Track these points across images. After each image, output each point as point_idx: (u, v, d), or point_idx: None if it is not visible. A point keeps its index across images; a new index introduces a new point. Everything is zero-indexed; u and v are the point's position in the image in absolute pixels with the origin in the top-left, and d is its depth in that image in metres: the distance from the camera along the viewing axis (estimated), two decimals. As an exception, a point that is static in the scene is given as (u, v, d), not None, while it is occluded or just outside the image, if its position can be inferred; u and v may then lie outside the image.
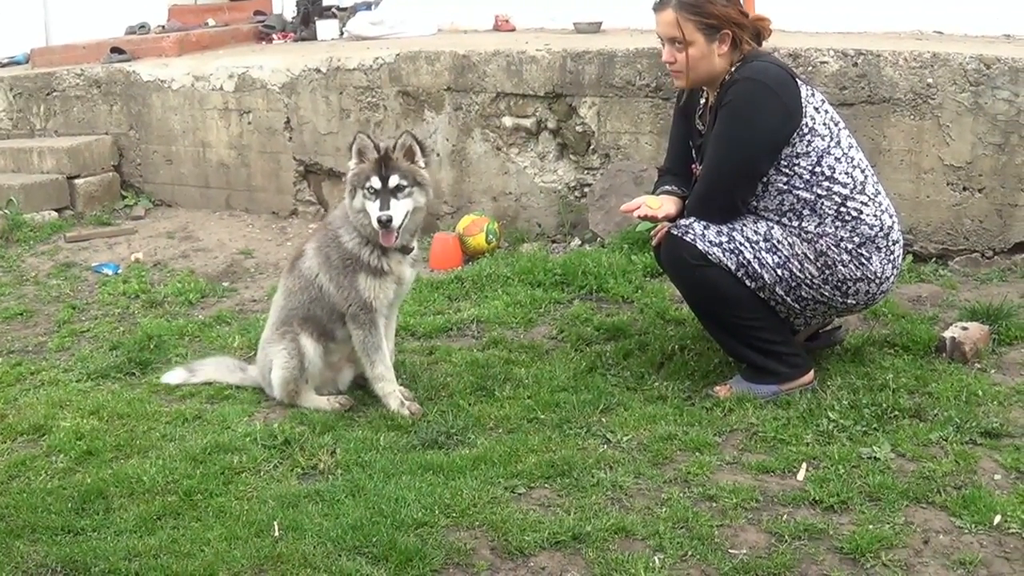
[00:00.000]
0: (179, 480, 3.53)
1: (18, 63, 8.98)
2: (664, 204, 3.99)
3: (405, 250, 4.09)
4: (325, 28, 8.49)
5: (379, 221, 3.87)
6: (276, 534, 3.15)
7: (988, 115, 5.09)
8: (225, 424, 4.00)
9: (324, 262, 4.10)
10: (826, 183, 3.81)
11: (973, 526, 3.04)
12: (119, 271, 6.29)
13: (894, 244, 3.90)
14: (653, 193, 4.18)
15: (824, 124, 3.83)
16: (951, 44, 5.60)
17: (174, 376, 4.50)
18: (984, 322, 4.37)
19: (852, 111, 5.28)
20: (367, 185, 3.92)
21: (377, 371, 4.07)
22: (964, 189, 5.23)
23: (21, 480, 3.65)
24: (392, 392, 4.07)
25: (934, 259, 5.35)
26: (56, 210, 7.38)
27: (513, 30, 7.85)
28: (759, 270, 3.85)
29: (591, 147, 6.13)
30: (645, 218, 4.07)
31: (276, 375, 4.15)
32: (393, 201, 3.89)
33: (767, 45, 4.14)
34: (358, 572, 2.93)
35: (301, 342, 4.10)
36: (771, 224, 3.88)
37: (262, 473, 3.61)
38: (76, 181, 7.51)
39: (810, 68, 5.38)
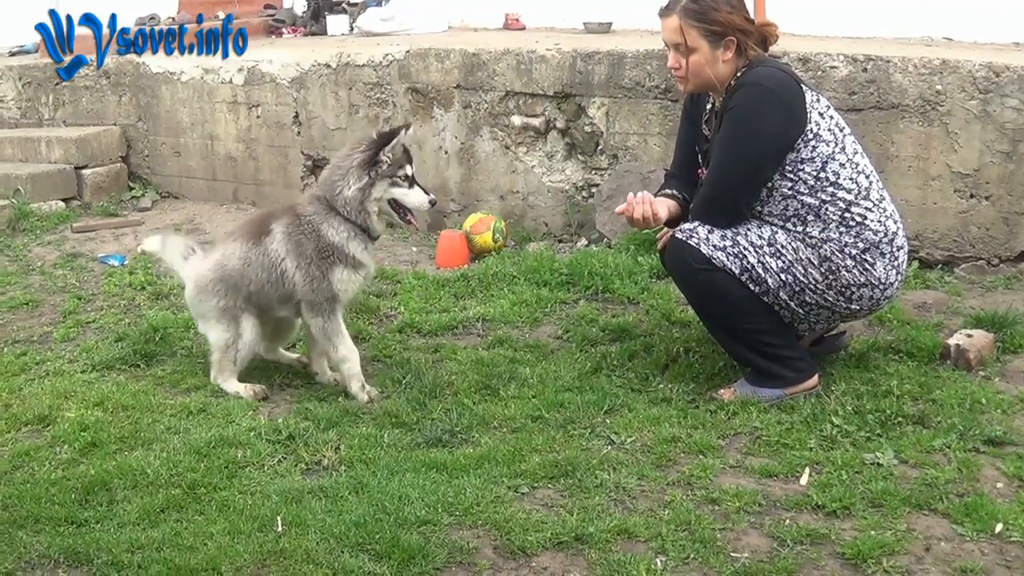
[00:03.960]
0: (183, 473, 3.53)
1: (27, 52, 8.99)
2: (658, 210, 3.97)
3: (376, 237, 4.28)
4: (335, 23, 8.50)
5: (431, 203, 4.24)
6: (279, 529, 3.16)
7: (996, 123, 5.09)
8: (229, 418, 4.01)
9: (295, 250, 4.17)
10: (830, 188, 3.80)
11: (975, 534, 3.04)
12: (125, 262, 6.30)
13: (898, 250, 3.90)
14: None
15: (829, 130, 3.83)
16: (961, 51, 5.59)
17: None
18: (989, 330, 4.37)
19: (861, 116, 5.27)
20: (400, 174, 4.14)
21: (340, 353, 4.19)
22: (971, 196, 5.23)
23: (25, 470, 3.66)
24: (356, 374, 4.18)
25: (940, 266, 5.35)
26: (63, 200, 7.40)
27: (523, 29, 7.85)
28: (763, 274, 3.85)
29: (599, 147, 6.13)
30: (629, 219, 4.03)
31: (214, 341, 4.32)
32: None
33: (778, 48, 4.13)
34: (360, 569, 2.93)
35: (242, 324, 4.27)
36: (775, 229, 3.88)
37: (266, 468, 3.62)
38: (84, 171, 7.54)
39: (819, 73, 5.37)
